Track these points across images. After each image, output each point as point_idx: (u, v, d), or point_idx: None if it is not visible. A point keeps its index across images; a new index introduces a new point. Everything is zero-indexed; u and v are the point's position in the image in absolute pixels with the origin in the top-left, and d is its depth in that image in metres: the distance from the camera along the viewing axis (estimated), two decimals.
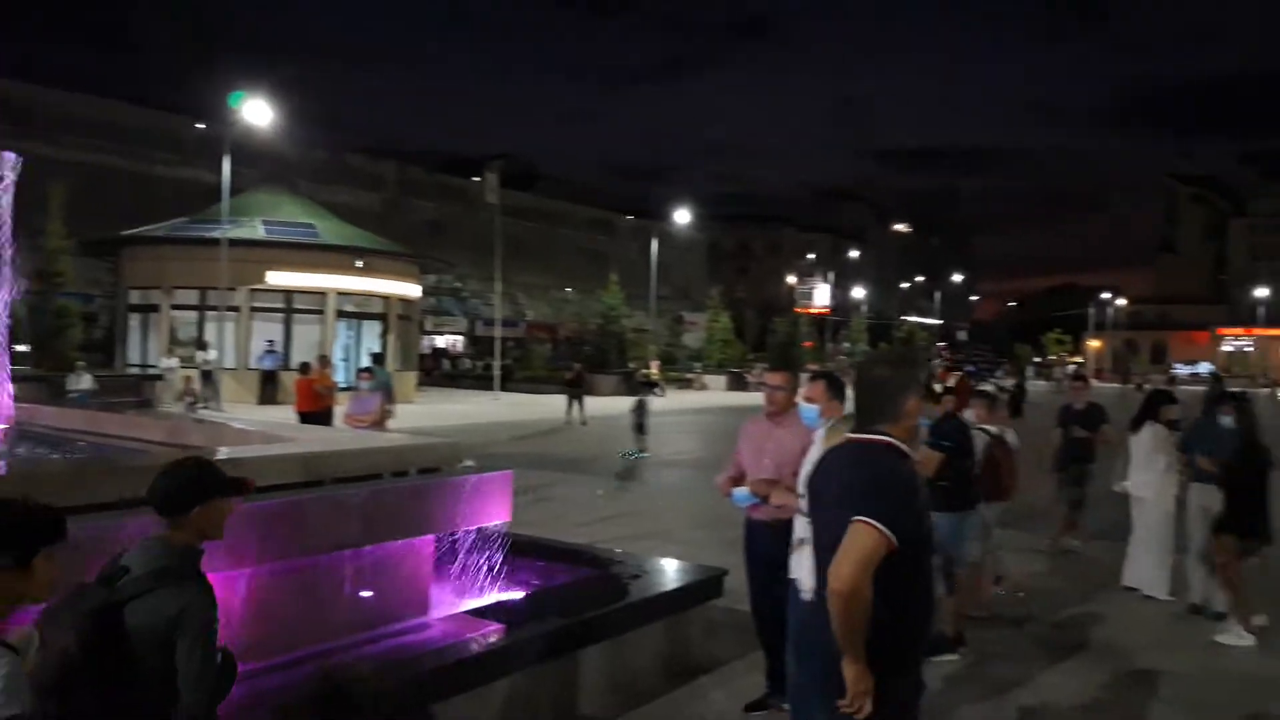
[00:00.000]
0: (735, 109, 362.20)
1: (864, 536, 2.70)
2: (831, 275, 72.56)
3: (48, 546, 2.24)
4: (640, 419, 17.99)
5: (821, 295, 66.76)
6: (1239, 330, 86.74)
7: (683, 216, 47.62)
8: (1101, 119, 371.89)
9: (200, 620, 2.47)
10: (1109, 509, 9.28)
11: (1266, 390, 47.62)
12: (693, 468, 16.52)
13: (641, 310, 48.68)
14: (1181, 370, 62.92)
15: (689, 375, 47.49)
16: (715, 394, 42.66)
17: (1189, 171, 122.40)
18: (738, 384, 45.58)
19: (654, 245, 44.76)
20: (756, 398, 8.40)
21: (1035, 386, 45.32)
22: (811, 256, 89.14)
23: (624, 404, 21.35)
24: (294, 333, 28.73)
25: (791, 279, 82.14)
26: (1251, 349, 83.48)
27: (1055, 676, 5.84)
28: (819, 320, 68.05)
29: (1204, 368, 57.10)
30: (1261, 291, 79.68)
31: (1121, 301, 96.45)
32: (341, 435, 8.08)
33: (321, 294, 28.88)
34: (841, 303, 75.78)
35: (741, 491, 4.95)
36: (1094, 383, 10.15)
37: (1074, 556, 9.27)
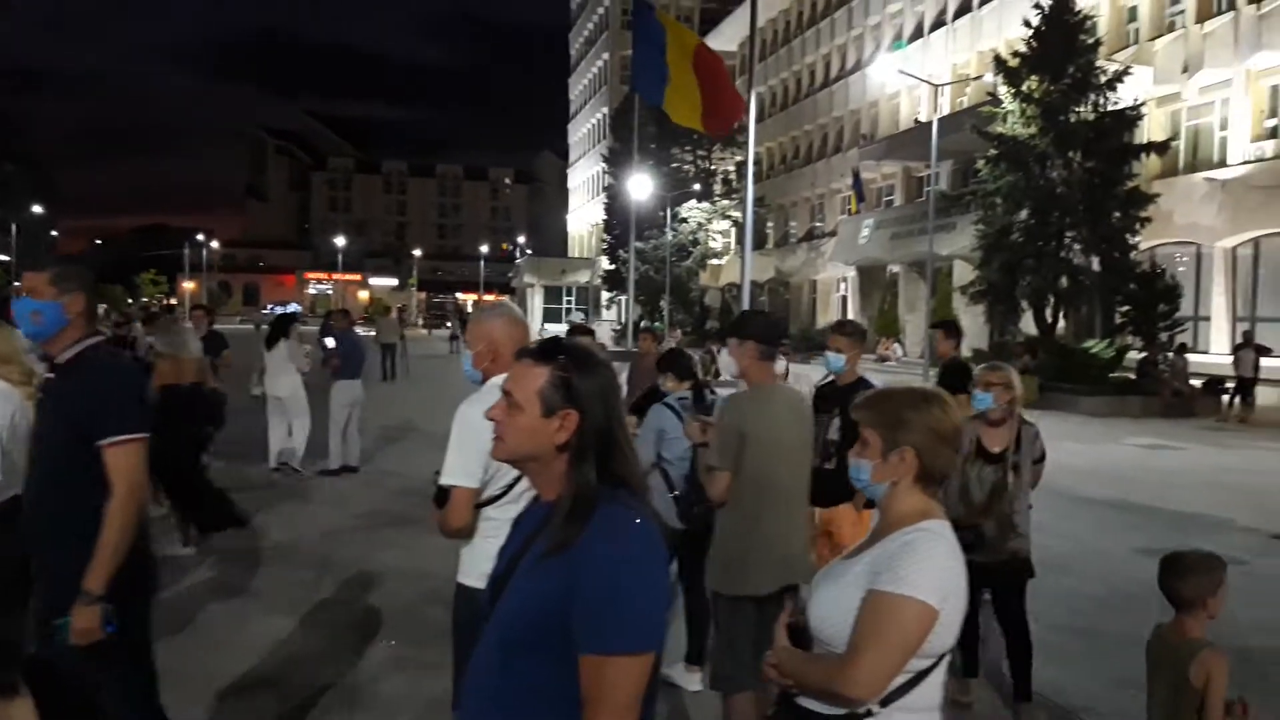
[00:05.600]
0: None
1: None
2: None
3: None
4: None
5: None
6: (322, 274, 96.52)
7: None
8: (195, 60, 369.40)
9: None
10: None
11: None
12: None
13: None
14: (275, 310, 67.61)
15: None
16: None
17: (278, 125, 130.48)
18: None
19: None
20: None
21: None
22: None
23: None
24: None
25: None
26: (331, 291, 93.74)
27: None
28: None
29: (293, 307, 62.37)
30: (339, 240, 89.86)
31: (215, 244, 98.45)
32: None
33: None
34: None
35: None
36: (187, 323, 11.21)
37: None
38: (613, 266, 45.25)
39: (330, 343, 10.49)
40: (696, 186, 42.54)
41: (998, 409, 4.32)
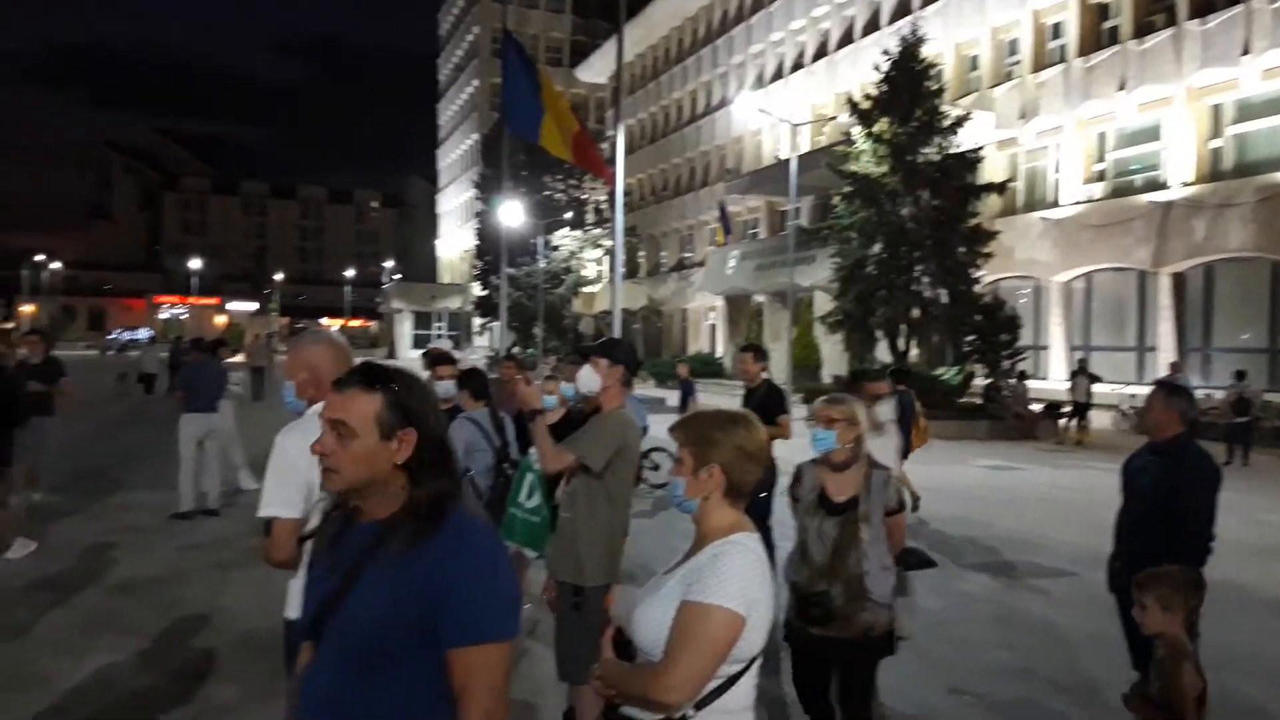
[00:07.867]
0: None
1: None
2: None
3: None
4: None
5: None
6: (175, 298, 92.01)
7: None
8: (33, 69, 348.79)
9: None
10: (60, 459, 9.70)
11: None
12: None
13: None
14: (124, 336, 64.03)
15: None
16: None
17: (125, 141, 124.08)
18: None
19: None
20: None
21: None
22: None
23: None
24: None
25: None
26: (187, 316, 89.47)
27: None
28: None
29: (144, 333, 59.12)
30: (195, 263, 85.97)
31: (57, 265, 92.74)
32: None
33: None
34: None
35: None
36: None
37: (38, 506, 9.14)
38: (485, 293, 44.88)
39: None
40: (568, 215, 42.75)
41: (842, 449, 3.59)
